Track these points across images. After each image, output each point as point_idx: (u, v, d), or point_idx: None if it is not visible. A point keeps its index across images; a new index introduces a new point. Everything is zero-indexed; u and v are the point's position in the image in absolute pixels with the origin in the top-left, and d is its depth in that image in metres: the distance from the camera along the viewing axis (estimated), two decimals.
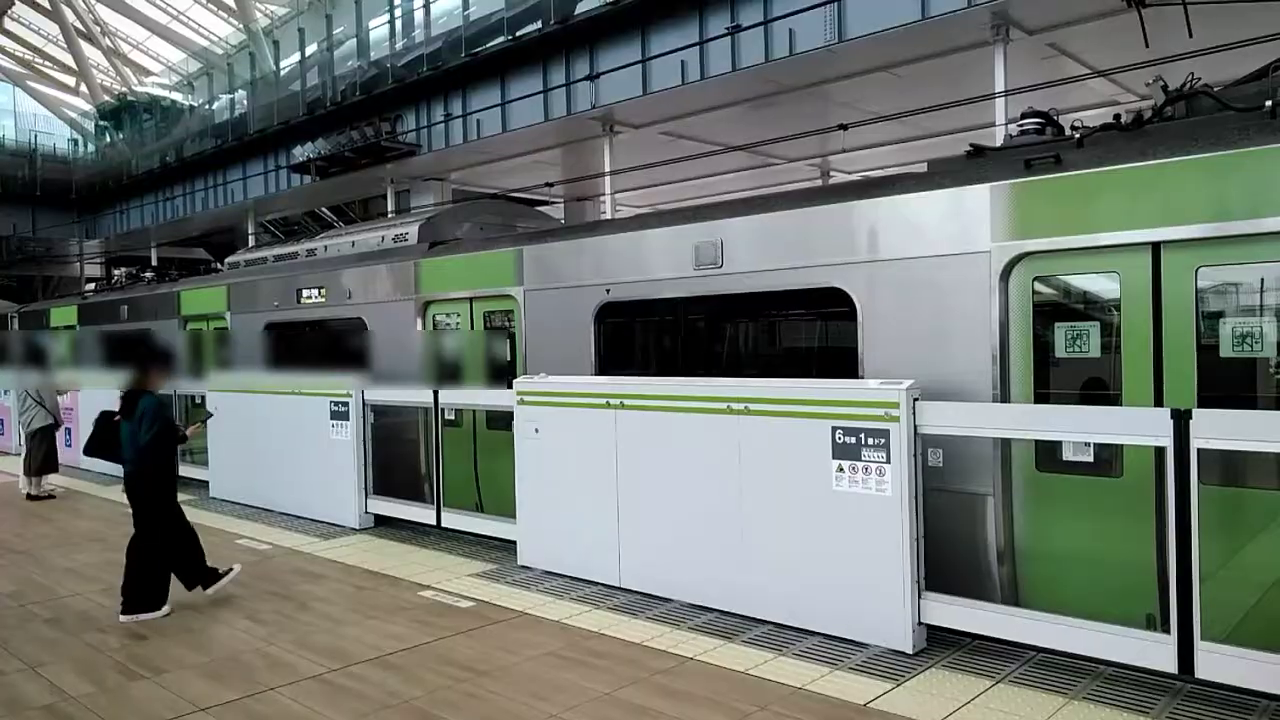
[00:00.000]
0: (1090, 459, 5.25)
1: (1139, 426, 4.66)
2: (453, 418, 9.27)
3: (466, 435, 9.16)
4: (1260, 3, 8.91)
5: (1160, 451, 4.60)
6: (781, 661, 5.22)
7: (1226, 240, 4.76)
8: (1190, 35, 7.41)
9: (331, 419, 9.24)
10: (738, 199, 8.01)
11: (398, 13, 20.45)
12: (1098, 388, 5.30)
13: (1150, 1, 6.72)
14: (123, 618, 6.30)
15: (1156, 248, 4.99)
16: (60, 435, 14.88)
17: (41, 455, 11.44)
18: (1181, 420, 4.39)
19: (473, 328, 9.20)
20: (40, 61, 40.46)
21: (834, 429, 5.49)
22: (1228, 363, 4.87)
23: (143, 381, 6.56)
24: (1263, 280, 4.76)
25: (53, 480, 11.97)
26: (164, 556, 6.50)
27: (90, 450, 6.73)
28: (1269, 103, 4.84)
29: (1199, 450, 4.36)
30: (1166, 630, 4.53)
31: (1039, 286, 5.47)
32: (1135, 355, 5.10)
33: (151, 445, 6.39)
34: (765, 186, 20.02)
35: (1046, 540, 5.44)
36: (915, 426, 5.26)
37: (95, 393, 13.62)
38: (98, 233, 32.73)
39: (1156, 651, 4.55)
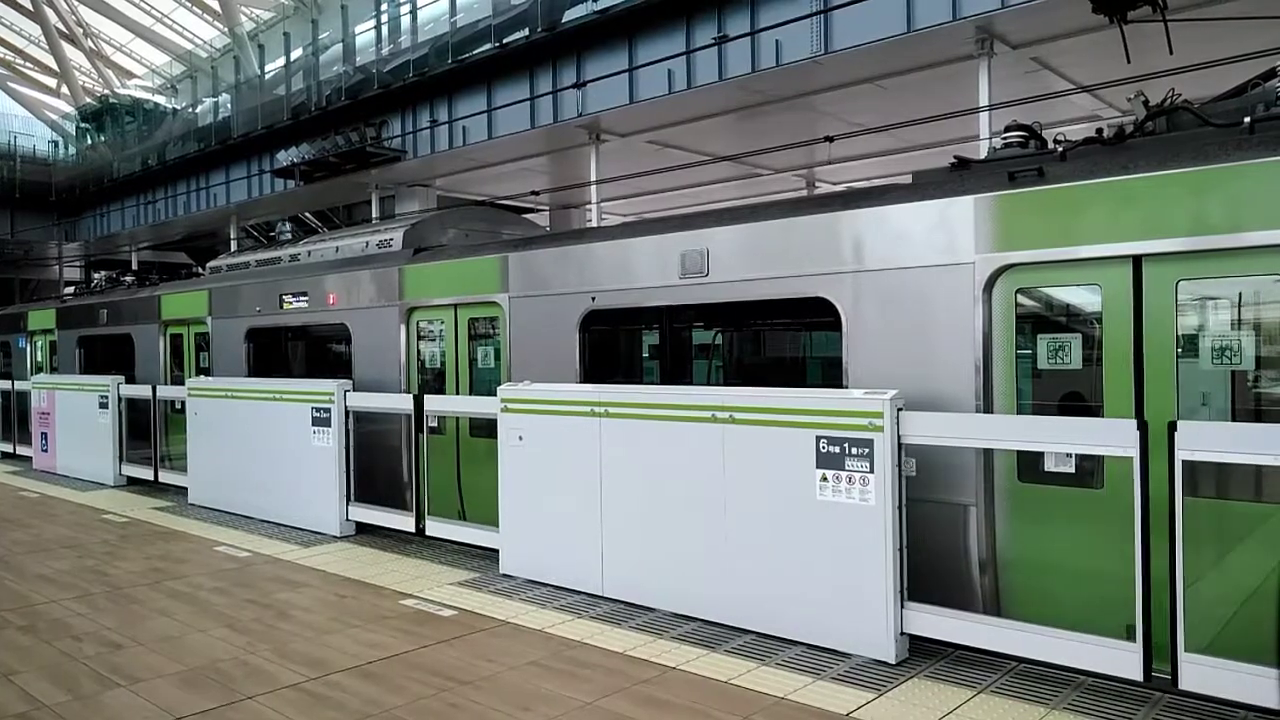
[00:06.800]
0: (1072, 470, 5.28)
1: (1109, 438, 4.69)
2: (435, 424, 9.23)
3: (449, 442, 9.11)
4: (1238, 21, 9.05)
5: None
6: (764, 671, 5.21)
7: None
8: (1171, 52, 7.50)
9: (313, 425, 9.18)
10: (724, 208, 8.04)
11: (384, 18, 20.42)
12: (1077, 400, 5.34)
13: (1132, 18, 6.82)
14: None
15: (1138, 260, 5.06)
16: (36, 439, 14.79)
17: None
18: (1169, 433, 4.42)
19: (457, 335, 9.16)
20: (21, 62, 40.14)
21: (818, 438, 5.50)
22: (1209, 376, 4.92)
23: None
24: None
25: (28, 485, 11.83)
26: None
27: None
28: (1248, 119, 4.91)
29: (1184, 462, 4.39)
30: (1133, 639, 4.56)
31: (1022, 299, 5.51)
32: (1116, 366, 5.15)
33: None
34: (751, 196, 20.10)
35: (1029, 550, 5.47)
36: (899, 436, 5.28)
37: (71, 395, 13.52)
38: (77, 236, 32.40)
39: (1125, 660, 4.57)
